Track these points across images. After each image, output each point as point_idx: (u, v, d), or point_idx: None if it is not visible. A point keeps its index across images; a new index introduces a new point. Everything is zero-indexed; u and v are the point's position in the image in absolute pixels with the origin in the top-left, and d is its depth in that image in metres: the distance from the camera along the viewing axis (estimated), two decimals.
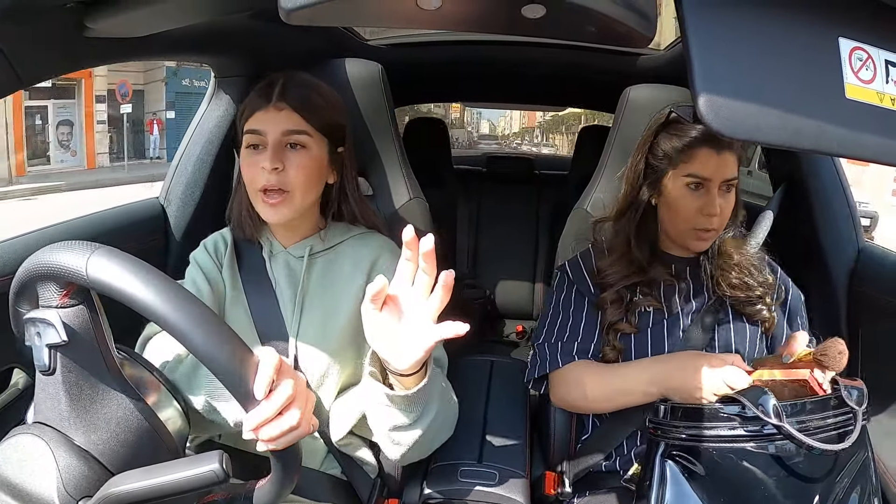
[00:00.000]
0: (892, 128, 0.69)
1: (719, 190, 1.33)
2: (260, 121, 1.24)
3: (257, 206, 1.26)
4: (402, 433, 1.10)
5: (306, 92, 1.28)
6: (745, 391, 1.09)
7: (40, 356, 0.79)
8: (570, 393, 1.40)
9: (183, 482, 0.76)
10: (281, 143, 1.23)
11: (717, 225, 1.35)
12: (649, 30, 0.73)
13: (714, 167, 1.32)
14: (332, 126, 1.30)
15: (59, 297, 0.78)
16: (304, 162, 1.24)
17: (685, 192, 1.35)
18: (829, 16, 0.67)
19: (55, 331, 0.77)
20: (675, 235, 1.42)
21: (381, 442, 1.16)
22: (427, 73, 2.59)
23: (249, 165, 1.25)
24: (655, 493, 1.09)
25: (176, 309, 0.74)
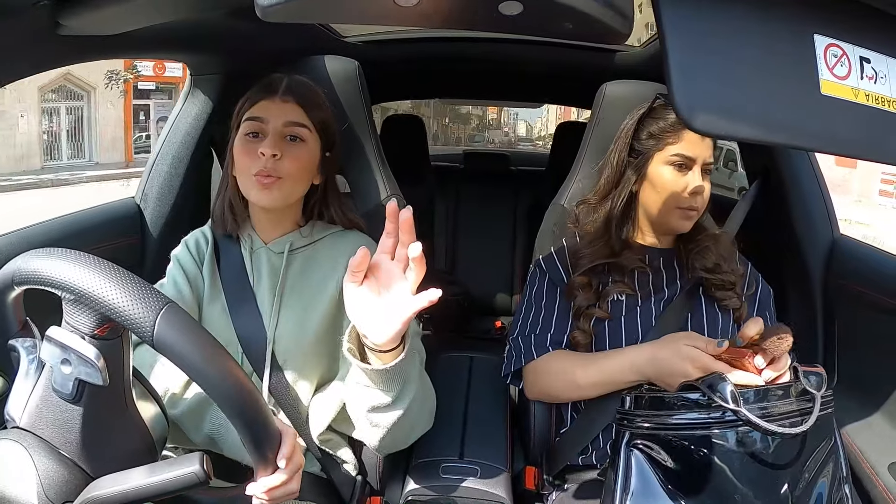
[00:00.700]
0: (867, 123, 0.70)
1: (700, 171, 1.36)
2: (263, 109, 1.26)
3: (249, 191, 1.27)
4: (381, 414, 1.09)
5: (309, 92, 1.31)
6: (704, 378, 1.10)
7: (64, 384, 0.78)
8: (545, 384, 1.41)
9: (164, 484, 0.75)
10: (282, 133, 1.26)
11: (700, 205, 1.38)
12: (626, 27, 0.74)
13: (699, 148, 1.35)
14: (329, 127, 1.33)
15: (98, 328, 0.77)
16: (301, 154, 1.27)
17: (671, 172, 1.37)
18: (804, 12, 0.67)
19: (95, 372, 0.77)
20: (659, 217, 1.43)
21: (360, 426, 1.16)
22: (404, 69, 2.59)
23: (246, 152, 1.26)
24: (621, 483, 1.09)
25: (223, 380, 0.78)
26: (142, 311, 0.74)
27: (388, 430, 1.12)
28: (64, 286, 0.75)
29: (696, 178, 1.36)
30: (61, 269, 0.75)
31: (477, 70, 2.68)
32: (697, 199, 1.37)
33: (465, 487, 1.37)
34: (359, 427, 1.17)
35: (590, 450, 1.41)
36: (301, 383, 1.29)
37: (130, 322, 0.74)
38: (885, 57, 0.71)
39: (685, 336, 1.24)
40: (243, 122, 1.27)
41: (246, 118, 1.27)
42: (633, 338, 1.39)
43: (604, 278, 1.44)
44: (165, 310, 0.75)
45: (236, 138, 1.29)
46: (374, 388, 1.05)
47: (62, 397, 0.78)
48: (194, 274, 1.33)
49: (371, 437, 1.16)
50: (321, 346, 1.29)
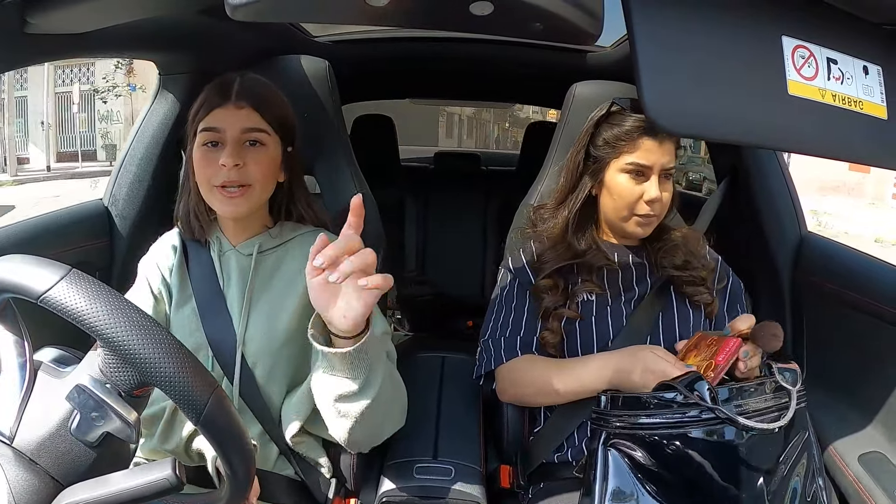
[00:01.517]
0: (833, 123, 0.71)
1: (659, 178, 1.36)
2: (219, 118, 1.23)
3: (213, 201, 1.25)
4: (348, 404, 1.08)
5: (263, 91, 1.28)
6: (681, 378, 1.12)
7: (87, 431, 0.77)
8: (515, 388, 1.42)
9: (137, 491, 0.74)
10: (240, 140, 1.23)
11: (658, 211, 1.38)
12: (595, 28, 0.74)
13: (654, 155, 1.35)
14: (286, 125, 1.31)
15: (138, 389, 0.78)
16: (262, 158, 1.25)
17: (626, 180, 1.38)
18: (772, 14, 0.68)
19: (130, 431, 0.77)
20: (617, 222, 1.43)
21: (328, 418, 1.14)
22: (375, 69, 2.57)
23: (206, 163, 1.23)
24: (599, 482, 1.11)
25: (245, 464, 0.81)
26: (196, 392, 0.74)
27: (356, 421, 1.10)
28: (118, 346, 0.72)
29: (653, 186, 1.35)
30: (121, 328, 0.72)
31: (448, 70, 2.68)
32: (655, 206, 1.37)
33: (440, 488, 1.37)
34: (327, 419, 1.16)
35: (565, 447, 1.41)
36: (272, 385, 1.28)
37: (182, 401, 0.74)
38: (852, 58, 0.72)
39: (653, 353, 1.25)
40: (199, 132, 1.24)
41: (202, 128, 1.24)
42: (604, 338, 1.39)
43: (571, 278, 1.44)
44: (216, 392, 0.76)
45: (194, 147, 1.26)
46: (340, 375, 1.04)
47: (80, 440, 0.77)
48: (160, 287, 1.31)
49: (340, 429, 1.14)
50: (291, 346, 1.28)
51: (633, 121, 1.36)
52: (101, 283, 0.73)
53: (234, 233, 1.33)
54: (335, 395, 1.07)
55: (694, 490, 1.09)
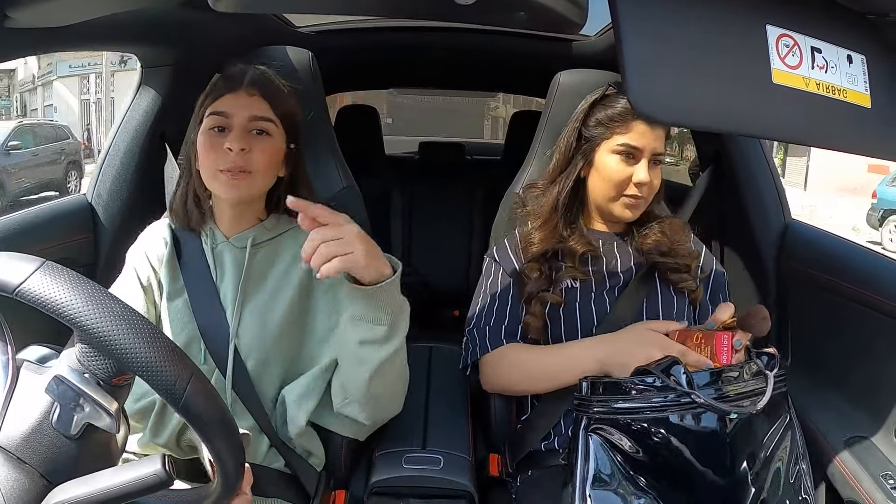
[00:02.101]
0: (817, 111, 0.71)
1: (648, 162, 1.37)
2: (228, 103, 1.24)
3: (216, 185, 1.25)
4: (371, 348, 1.13)
5: (274, 84, 1.30)
6: (658, 362, 1.13)
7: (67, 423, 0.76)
8: (500, 377, 1.42)
9: (127, 487, 0.74)
10: (247, 127, 1.24)
11: (646, 194, 1.39)
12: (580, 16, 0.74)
13: (646, 139, 1.36)
14: (292, 121, 1.32)
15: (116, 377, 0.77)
16: (268, 147, 1.25)
17: (616, 162, 1.38)
18: (757, 3, 0.68)
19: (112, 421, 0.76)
20: (605, 205, 1.44)
21: (348, 366, 1.20)
22: (358, 59, 2.56)
23: (211, 147, 1.23)
24: (581, 467, 1.12)
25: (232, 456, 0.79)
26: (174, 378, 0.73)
27: (377, 370, 1.15)
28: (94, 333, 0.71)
29: (642, 169, 1.36)
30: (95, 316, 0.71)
31: (432, 59, 2.67)
32: (643, 189, 1.38)
33: (429, 477, 1.38)
34: (346, 372, 1.21)
35: (552, 435, 1.42)
36: (265, 378, 1.28)
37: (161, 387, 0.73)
38: (836, 47, 0.73)
39: (644, 323, 1.27)
40: (207, 117, 1.25)
41: (210, 112, 1.24)
42: (588, 325, 1.40)
43: (555, 264, 1.44)
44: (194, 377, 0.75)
45: (200, 131, 1.26)
46: (365, 320, 1.10)
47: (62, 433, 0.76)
48: (149, 277, 1.30)
49: (356, 377, 1.19)
50: (285, 339, 1.28)
51: (626, 103, 1.37)
52: (76, 274, 0.72)
53: (229, 225, 1.33)
54: (359, 340, 1.13)
55: (675, 474, 1.10)
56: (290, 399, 1.28)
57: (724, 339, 1.16)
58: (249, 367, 1.26)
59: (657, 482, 1.10)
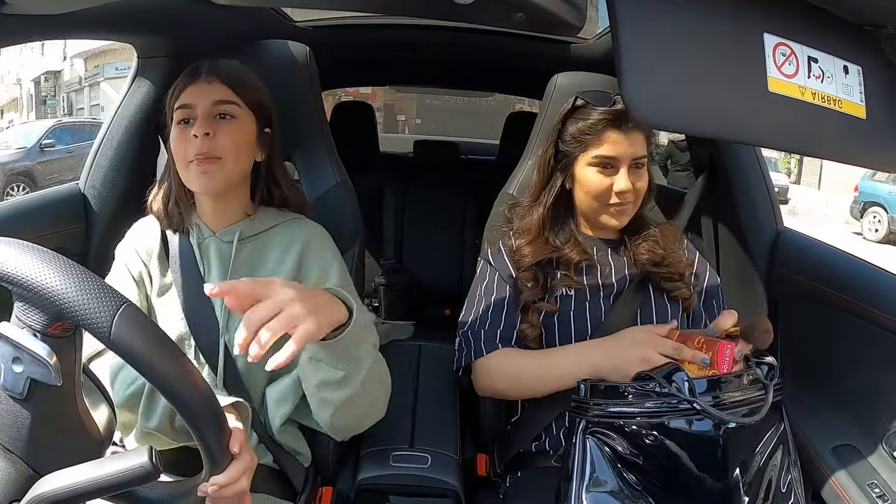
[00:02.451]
0: (812, 120, 0.71)
1: (630, 168, 1.37)
2: (190, 94, 1.23)
3: (189, 178, 1.24)
4: (331, 391, 1.11)
5: (234, 69, 1.28)
6: (659, 368, 1.13)
7: (15, 383, 0.74)
8: (493, 381, 1.41)
9: (113, 479, 0.73)
10: (211, 112, 1.23)
11: (632, 199, 1.39)
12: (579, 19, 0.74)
13: (621, 147, 1.35)
14: (260, 104, 1.30)
15: (51, 326, 0.74)
16: (234, 129, 1.24)
17: (595, 174, 1.38)
18: (755, 12, 0.68)
19: (48, 372, 0.74)
20: (592, 215, 1.44)
21: (313, 405, 1.19)
22: (356, 55, 2.56)
23: (180, 140, 1.23)
24: (577, 470, 1.11)
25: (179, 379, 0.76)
26: (99, 311, 0.71)
27: (339, 408, 1.13)
28: (15, 281, 0.71)
29: (622, 178, 1.36)
30: (14, 262, 0.71)
31: (429, 58, 2.66)
32: (627, 196, 1.37)
33: (416, 475, 1.38)
34: (312, 405, 1.19)
35: (543, 437, 1.42)
36: (254, 374, 1.28)
37: (87, 322, 0.71)
38: (833, 57, 0.73)
39: (639, 327, 1.27)
40: (175, 112, 1.24)
41: (176, 107, 1.24)
42: (582, 333, 1.40)
43: (550, 272, 1.44)
44: (123, 309, 0.72)
45: (171, 129, 1.26)
46: (324, 363, 1.06)
47: (12, 396, 0.75)
48: (140, 272, 1.29)
49: (323, 414, 1.17)
50: None
51: (597, 114, 1.36)
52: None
53: (214, 218, 1.32)
54: (318, 382, 1.10)
55: (671, 480, 1.10)
56: (270, 399, 1.29)
57: (728, 350, 1.15)
58: (239, 364, 1.26)
59: (653, 487, 1.10)
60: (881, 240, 11.11)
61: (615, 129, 1.35)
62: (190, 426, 0.79)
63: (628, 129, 1.35)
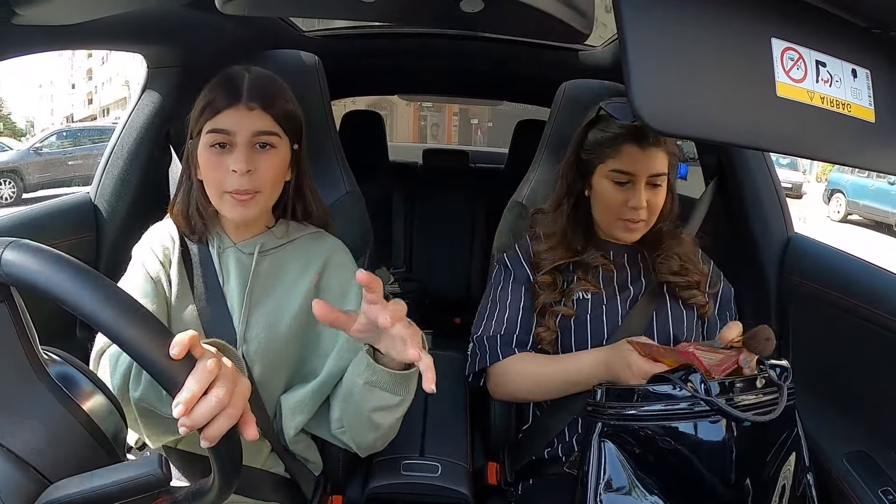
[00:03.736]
0: (820, 125, 0.71)
1: (646, 185, 1.36)
2: (229, 120, 1.19)
3: (223, 206, 1.22)
4: (384, 414, 1.13)
5: (273, 90, 1.24)
6: (675, 370, 1.12)
7: None
8: (510, 385, 1.41)
9: (123, 487, 0.73)
10: (250, 143, 1.19)
11: (646, 217, 1.39)
12: (586, 27, 0.74)
13: (639, 163, 1.35)
14: (294, 124, 1.27)
15: None
16: (274, 162, 1.21)
17: (611, 186, 1.38)
18: (762, 16, 0.68)
19: None
20: (605, 226, 1.45)
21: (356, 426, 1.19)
22: (364, 64, 2.57)
23: (215, 166, 1.19)
24: (595, 474, 1.11)
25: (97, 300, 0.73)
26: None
27: (387, 430, 1.16)
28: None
29: (637, 193, 1.36)
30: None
31: (437, 66, 2.67)
32: (640, 213, 1.37)
33: (426, 484, 1.38)
34: (355, 427, 1.19)
35: (556, 443, 1.42)
36: (269, 384, 1.28)
37: None
38: (841, 61, 0.73)
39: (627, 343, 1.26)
40: (207, 133, 1.19)
41: (209, 129, 1.19)
42: (598, 337, 1.40)
43: (568, 276, 1.44)
44: (9, 246, 0.73)
45: (200, 146, 1.21)
46: (383, 390, 1.08)
47: None
48: (158, 273, 1.27)
49: (368, 435, 1.19)
50: (291, 346, 1.28)
51: (617, 127, 1.36)
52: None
53: (236, 231, 1.31)
54: (373, 407, 1.12)
55: (686, 483, 1.10)
56: (285, 408, 1.28)
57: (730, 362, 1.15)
58: (255, 374, 1.25)
59: (668, 491, 1.10)
60: (841, 220, 13.51)
61: (633, 145, 1.35)
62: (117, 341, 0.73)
63: (647, 145, 1.34)
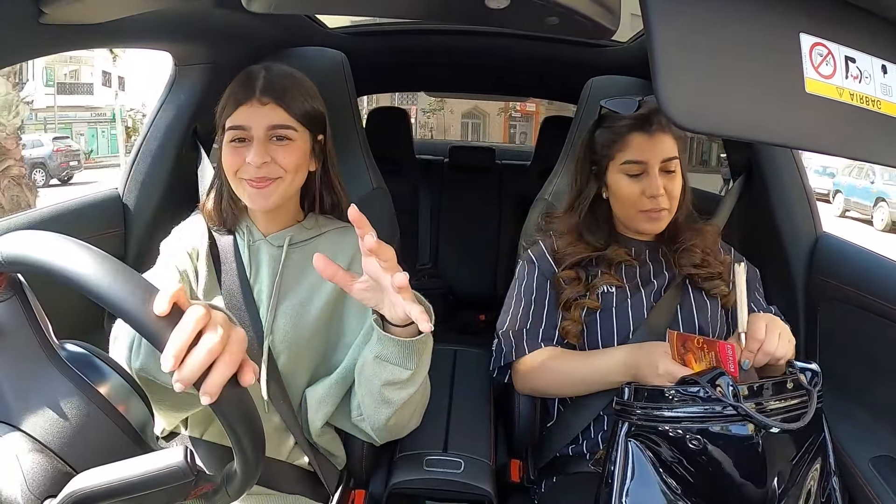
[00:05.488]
0: (850, 122, 0.70)
1: (660, 171, 1.37)
2: (244, 116, 1.23)
3: (242, 194, 1.26)
4: (394, 390, 1.14)
5: (288, 84, 1.26)
6: (704, 373, 1.11)
7: None
8: (536, 380, 1.41)
9: (148, 478, 0.74)
10: (266, 137, 1.23)
11: (667, 204, 1.39)
12: (612, 22, 0.74)
13: (648, 150, 1.36)
14: (313, 116, 1.29)
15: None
16: (290, 151, 1.24)
17: (626, 180, 1.39)
18: (791, 11, 0.67)
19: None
20: (628, 221, 1.45)
21: (369, 405, 1.20)
22: (390, 61, 2.57)
23: (233, 158, 1.23)
24: (619, 473, 1.11)
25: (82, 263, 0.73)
26: None
27: (397, 409, 1.16)
28: None
29: (653, 181, 1.36)
30: None
31: (463, 63, 2.67)
32: (661, 201, 1.37)
33: (449, 480, 1.38)
34: (368, 407, 1.20)
35: (580, 439, 1.42)
36: (294, 377, 1.29)
37: None
38: (870, 57, 0.71)
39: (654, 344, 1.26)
40: (227, 129, 1.24)
41: (229, 126, 1.24)
42: (624, 330, 1.40)
43: (591, 270, 1.45)
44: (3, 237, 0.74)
45: (224, 142, 1.26)
46: (391, 363, 1.10)
47: None
48: (186, 266, 1.30)
49: (380, 415, 1.19)
50: (317, 339, 1.29)
51: (622, 121, 1.38)
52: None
53: (265, 223, 1.34)
54: (384, 381, 1.13)
55: (711, 486, 1.09)
56: (310, 401, 1.29)
57: (728, 349, 1.13)
58: (280, 366, 1.27)
59: (694, 492, 1.09)
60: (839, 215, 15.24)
61: (640, 133, 1.37)
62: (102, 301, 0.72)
63: (653, 131, 1.36)
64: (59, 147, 17.45)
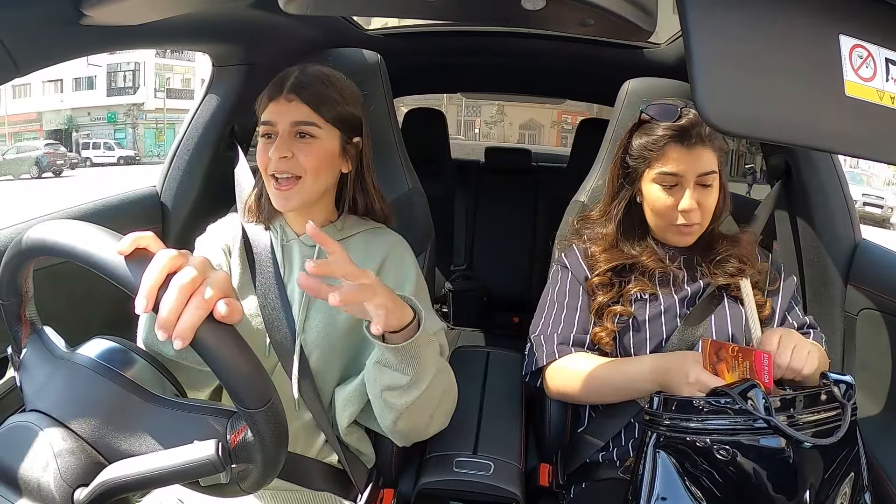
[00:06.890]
0: (891, 126, 0.69)
1: (695, 185, 1.33)
2: (272, 112, 1.27)
3: (269, 192, 1.29)
4: (395, 395, 1.14)
5: (318, 84, 1.29)
6: (735, 384, 1.09)
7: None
8: (564, 385, 1.40)
9: (179, 469, 0.76)
10: (290, 132, 1.26)
11: (699, 219, 1.36)
12: (649, 24, 0.73)
13: (685, 164, 1.32)
14: (345, 117, 1.31)
15: None
16: (313, 150, 1.26)
17: (659, 191, 1.36)
18: (830, 13, 0.66)
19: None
20: (660, 231, 1.43)
21: (376, 409, 1.21)
22: (426, 62, 2.58)
23: (263, 153, 1.27)
24: (647, 483, 1.09)
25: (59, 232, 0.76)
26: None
27: (402, 413, 1.16)
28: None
29: (687, 196, 1.33)
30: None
31: (499, 64, 2.67)
32: (692, 216, 1.34)
33: (478, 482, 1.38)
34: (375, 409, 1.21)
35: (610, 446, 1.41)
36: (325, 375, 1.30)
37: None
38: None
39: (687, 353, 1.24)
40: (260, 125, 1.29)
41: (261, 122, 1.28)
42: (657, 338, 1.38)
43: (625, 277, 1.43)
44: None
45: (259, 138, 1.30)
46: (390, 368, 1.10)
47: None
48: (221, 262, 1.33)
49: (385, 419, 1.20)
50: (348, 339, 1.30)
51: (661, 129, 1.34)
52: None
53: (298, 222, 1.36)
54: (383, 386, 1.13)
55: (740, 499, 1.07)
56: (338, 399, 1.31)
57: (765, 358, 1.12)
58: (312, 364, 1.28)
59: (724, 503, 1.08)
60: None
61: (678, 145, 1.33)
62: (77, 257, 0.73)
63: (692, 144, 1.32)
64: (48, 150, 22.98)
